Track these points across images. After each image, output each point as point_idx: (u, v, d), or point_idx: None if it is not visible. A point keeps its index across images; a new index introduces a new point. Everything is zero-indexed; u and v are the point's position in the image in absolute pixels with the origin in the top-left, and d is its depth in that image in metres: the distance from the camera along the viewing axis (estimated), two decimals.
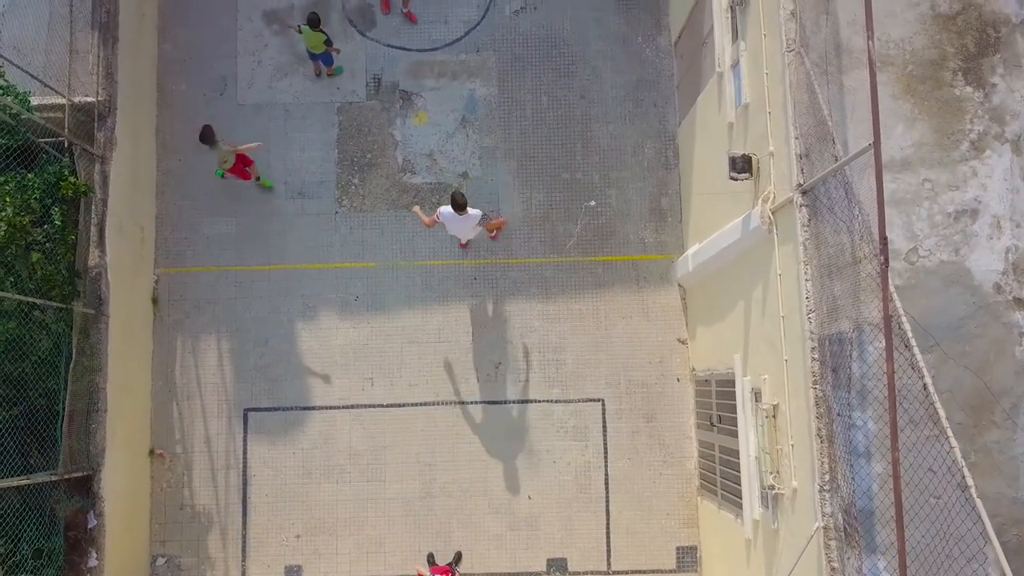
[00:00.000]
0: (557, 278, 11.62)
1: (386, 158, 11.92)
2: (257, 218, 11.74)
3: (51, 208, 9.20)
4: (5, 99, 8.69)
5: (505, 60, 12.07)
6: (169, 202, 11.77)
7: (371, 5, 12.17)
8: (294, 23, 11.54)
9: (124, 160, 10.72)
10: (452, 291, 11.61)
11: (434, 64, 12.07)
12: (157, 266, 11.63)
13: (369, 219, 11.77)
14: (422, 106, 12.02)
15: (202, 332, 11.51)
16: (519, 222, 11.75)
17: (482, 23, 12.12)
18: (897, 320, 6.09)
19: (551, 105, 11.97)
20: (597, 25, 12.09)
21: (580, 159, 11.87)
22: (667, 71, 11.97)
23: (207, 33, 12.00)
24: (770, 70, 7.63)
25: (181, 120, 11.90)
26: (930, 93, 7.15)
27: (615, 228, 11.72)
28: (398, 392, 11.40)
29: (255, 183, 11.63)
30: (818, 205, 6.78)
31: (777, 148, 7.47)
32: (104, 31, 10.72)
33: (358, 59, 12.08)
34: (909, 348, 6.42)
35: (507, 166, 11.87)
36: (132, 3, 11.18)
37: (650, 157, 11.85)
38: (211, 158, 11.09)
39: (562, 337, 11.49)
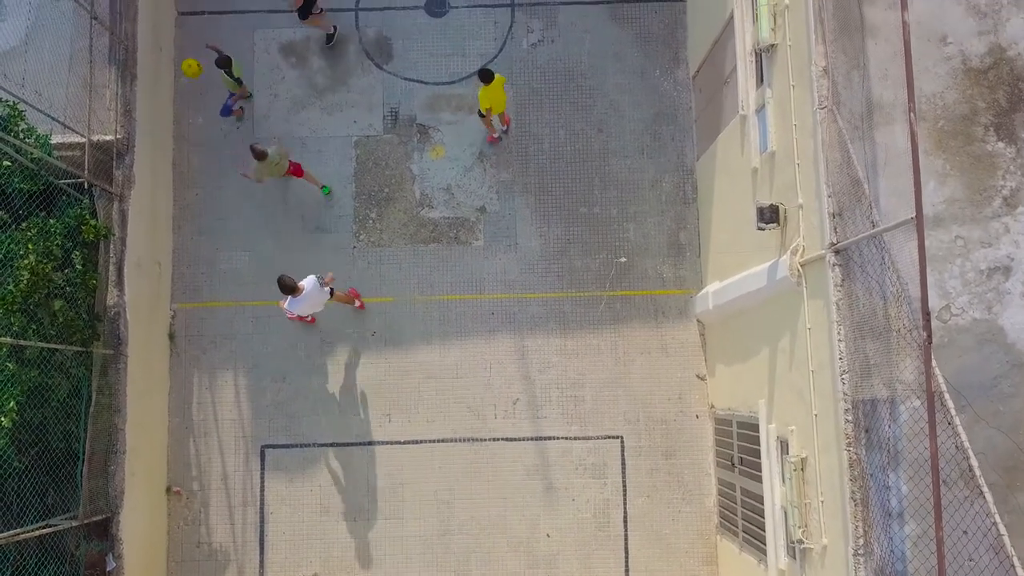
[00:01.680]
0: (575, 313, 11.58)
1: (404, 192, 11.88)
2: (274, 252, 11.70)
3: (72, 252, 9.16)
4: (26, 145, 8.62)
5: (522, 93, 12.03)
6: (186, 236, 11.73)
7: (388, 38, 12.14)
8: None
9: (142, 197, 10.69)
10: (470, 326, 11.56)
11: (451, 97, 12.03)
12: (174, 301, 11.60)
13: (386, 254, 11.73)
14: (439, 140, 11.98)
15: (219, 368, 11.47)
16: (536, 257, 11.70)
17: (499, 56, 12.08)
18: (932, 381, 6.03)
19: (569, 139, 11.93)
20: (615, 58, 12.05)
21: (598, 193, 11.82)
22: (685, 104, 11.93)
23: None
24: (799, 122, 7.58)
25: (198, 153, 11.88)
26: (962, 148, 7.10)
27: (633, 263, 11.67)
28: (416, 428, 11.35)
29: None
30: (851, 264, 6.73)
31: (807, 202, 7.42)
32: (122, 68, 10.71)
33: (375, 92, 12.04)
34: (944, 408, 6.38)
35: (524, 200, 11.83)
36: (149, 38, 11.16)
37: (668, 191, 11.81)
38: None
39: (580, 373, 11.44)
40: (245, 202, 11.79)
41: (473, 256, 11.72)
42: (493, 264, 11.69)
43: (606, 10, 12.13)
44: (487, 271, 11.68)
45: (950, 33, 7.19)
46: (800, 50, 7.52)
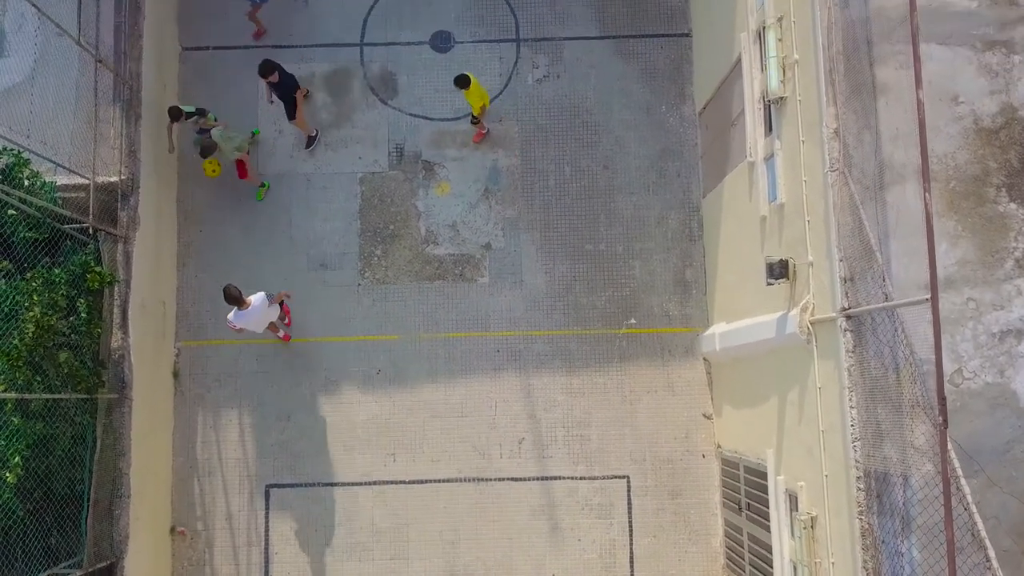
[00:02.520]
0: (581, 351, 11.53)
1: (409, 229, 11.84)
2: (279, 289, 11.58)
3: (77, 300, 9.11)
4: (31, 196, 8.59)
5: (528, 130, 11.99)
6: (190, 274, 11.69)
7: (393, 73, 12.10)
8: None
9: (147, 238, 10.65)
10: (475, 364, 11.52)
11: (456, 134, 11.99)
12: (178, 339, 11.55)
13: (392, 291, 11.69)
14: (445, 176, 11.94)
15: (223, 406, 11.42)
16: (542, 294, 11.66)
17: (504, 92, 12.04)
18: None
19: (574, 175, 11.89)
20: (621, 94, 12.01)
21: (604, 230, 11.77)
22: (691, 140, 11.88)
23: (228, 102, 11.91)
24: (809, 178, 7.54)
25: (203, 190, 11.83)
26: (973, 209, 7.05)
27: (639, 300, 11.62)
28: (421, 468, 11.30)
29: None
30: (863, 330, 6.68)
31: (817, 260, 7.37)
32: (126, 108, 10.67)
33: (380, 128, 12.00)
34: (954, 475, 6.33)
35: (530, 237, 11.78)
36: (153, 76, 11.13)
37: (674, 228, 11.76)
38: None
39: (586, 412, 11.39)
40: (249, 239, 11.75)
41: (478, 293, 11.68)
42: (498, 301, 11.65)
43: (611, 45, 12.09)
44: (492, 308, 11.64)
45: (962, 92, 7.15)
46: (810, 106, 7.48)
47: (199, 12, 12.15)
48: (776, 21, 8.12)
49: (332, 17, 12.16)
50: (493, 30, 12.14)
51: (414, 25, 12.13)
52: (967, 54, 7.18)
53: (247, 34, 12.11)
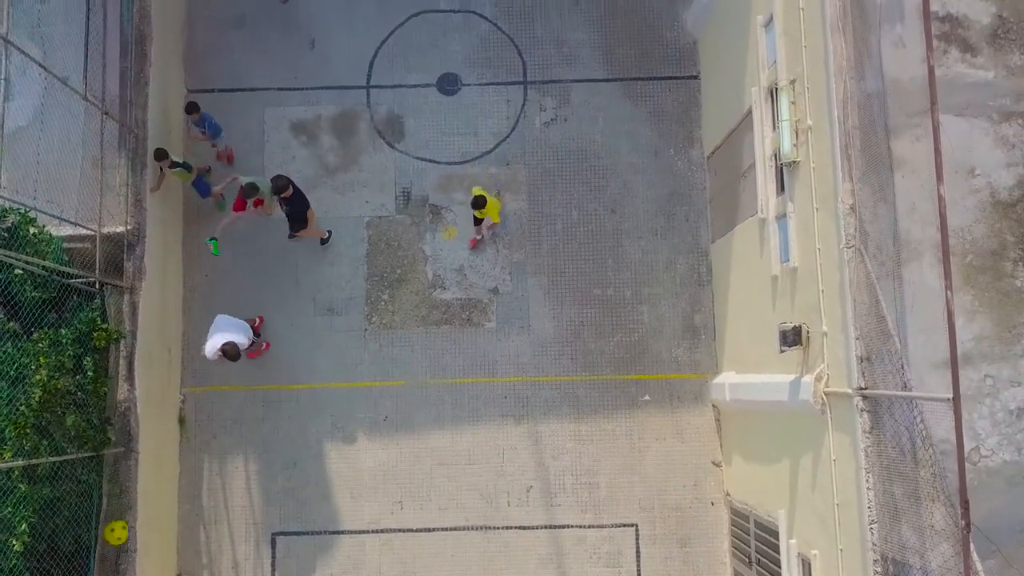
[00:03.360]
0: (589, 397, 11.46)
1: (416, 273, 11.77)
2: (285, 335, 11.59)
3: (83, 358, 9.04)
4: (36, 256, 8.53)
5: (535, 173, 11.92)
6: (196, 319, 11.61)
7: (400, 116, 12.04)
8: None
9: (153, 287, 10.59)
10: (482, 410, 11.45)
11: (464, 177, 11.93)
12: (183, 385, 11.49)
13: (398, 336, 11.62)
14: (452, 220, 11.87)
15: (229, 453, 11.36)
16: (550, 339, 11.59)
17: (512, 135, 11.98)
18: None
19: (582, 219, 11.82)
20: (628, 137, 11.94)
21: (611, 275, 11.71)
22: (699, 184, 11.82)
23: (233, 144, 11.84)
24: (823, 247, 7.47)
25: (208, 233, 11.74)
26: (990, 284, 6.99)
27: (648, 346, 11.55)
28: (428, 516, 11.23)
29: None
30: (879, 410, 6.61)
31: (832, 332, 7.31)
32: (132, 157, 10.61)
33: (387, 172, 11.94)
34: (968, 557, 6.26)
35: (537, 281, 11.71)
36: (159, 123, 11.08)
37: (683, 273, 11.69)
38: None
39: (595, 459, 11.33)
40: (255, 284, 11.68)
41: (486, 338, 11.62)
42: (506, 346, 11.59)
43: (619, 88, 12.03)
44: (500, 354, 11.57)
45: (978, 165, 7.09)
46: (824, 174, 7.41)
47: (204, 53, 12.10)
48: (789, 84, 8.06)
49: (338, 59, 12.09)
50: (500, 72, 12.08)
51: (421, 67, 12.07)
52: (983, 125, 7.12)
53: (252, 76, 12.05)
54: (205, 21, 12.13)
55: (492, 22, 12.14)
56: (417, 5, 12.15)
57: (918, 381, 6.71)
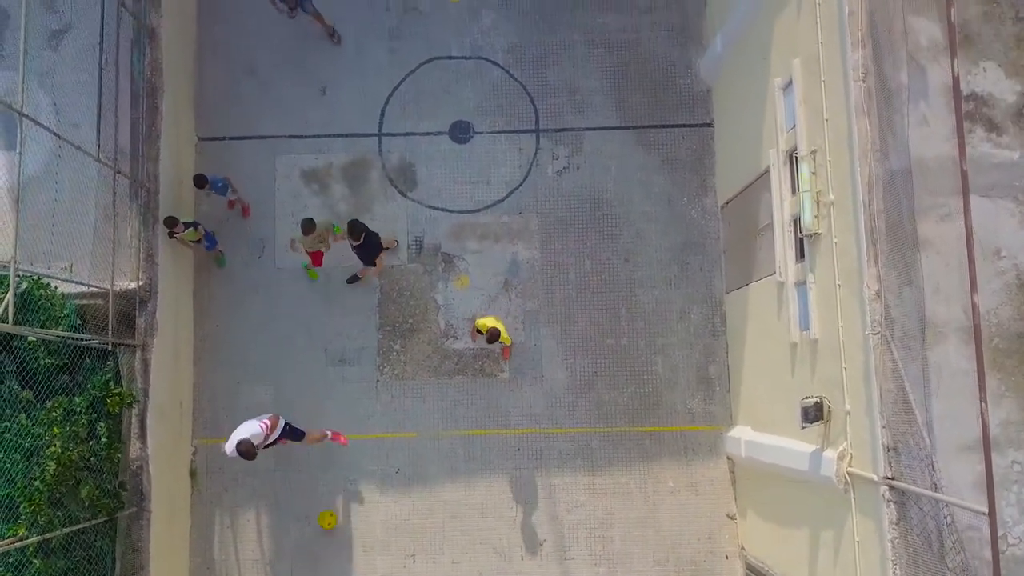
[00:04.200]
0: (603, 449, 11.38)
1: (428, 323, 11.70)
2: (296, 386, 11.53)
3: (97, 423, 8.98)
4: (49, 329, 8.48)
5: (548, 222, 11.85)
6: (207, 369, 11.56)
7: (411, 164, 11.97)
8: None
9: (165, 342, 10.53)
10: (495, 463, 11.38)
11: (476, 226, 11.86)
12: (195, 437, 11.42)
13: (410, 387, 11.55)
14: (464, 269, 11.81)
15: (241, 506, 11.29)
16: (563, 390, 11.52)
17: (524, 184, 11.91)
18: None
19: (595, 268, 11.75)
20: (641, 185, 11.87)
21: (625, 324, 11.63)
22: (713, 233, 11.74)
23: (245, 193, 11.75)
24: (846, 325, 7.40)
25: (219, 284, 11.70)
26: (1017, 368, 6.91)
27: (662, 397, 11.48)
28: (441, 570, 11.15)
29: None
30: (906, 502, 6.54)
31: (855, 411, 7.24)
32: (144, 211, 10.55)
33: (399, 221, 11.87)
34: None
35: (550, 331, 11.64)
36: (171, 174, 11.01)
37: (697, 323, 11.62)
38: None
39: (609, 512, 11.25)
40: (265, 334, 11.61)
41: (498, 389, 11.54)
42: (519, 397, 11.51)
43: (632, 135, 11.96)
44: (513, 405, 11.50)
45: (1004, 246, 7.02)
46: (848, 251, 7.34)
47: (214, 101, 12.03)
48: (810, 154, 7.99)
49: (350, 107, 12.02)
50: (513, 120, 12.01)
51: (433, 115, 12.00)
52: (1009, 206, 7.06)
53: (263, 123, 11.99)
54: (215, 69, 12.07)
55: (504, 69, 12.08)
56: (429, 51, 12.09)
57: (944, 466, 6.64)
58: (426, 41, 12.10)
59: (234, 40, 12.10)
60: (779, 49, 8.98)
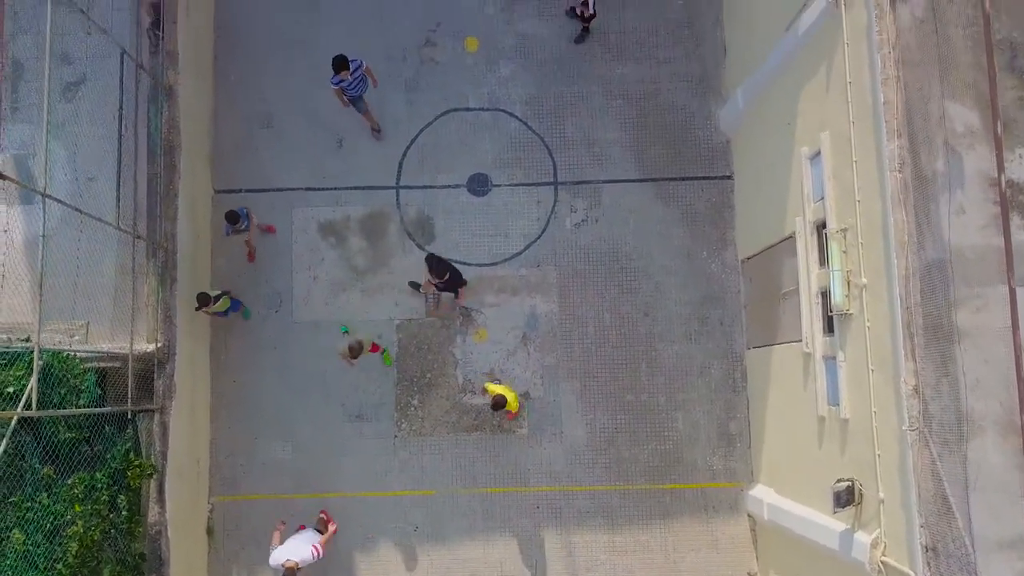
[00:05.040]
0: (623, 507, 11.29)
1: (446, 377, 11.61)
2: (314, 442, 11.44)
3: (117, 496, 8.89)
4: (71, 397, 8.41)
5: (566, 275, 11.77)
6: (224, 425, 11.48)
7: (429, 217, 11.89)
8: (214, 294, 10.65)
9: (183, 404, 10.44)
10: (514, 521, 11.29)
11: (494, 279, 11.77)
12: (212, 494, 11.33)
13: (428, 443, 11.46)
14: (482, 322, 11.72)
15: (259, 565, 11.13)
16: (582, 447, 11.43)
17: (542, 236, 11.83)
18: None
19: (614, 323, 11.66)
20: (660, 238, 11.79)
21: (645, 380, 11.54)
22: (734, 288, 11.65)
23: (261, 247, 11.71)
24: (879, 410, 7.31)
25: (235, 339, 11.62)
26: None
27: (682, 454, 11.39)
28: None
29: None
30: None
31: (890, 502, 7.14)
32: (162, 272, 10.47)
33: (417, 274, 11.74)
34: None
35: (570, 386, 11.55)
36: (188, 232, 10.93)
37: (717, 379, 11.53)
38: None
39: (629, 571, 11.16)
40: (283, 389, 11.53)
41: (517, 445, 11.46)
42: (538, 454, 11.43)
43: (651, 188, 11.88)
44: (532, 462, 11.41)
45: None
46: (881, 337, 7.25)
47: (230, 153, 11.97)
48: (840, 232, 7.90)
49: (367, 159, 11.95)
50: (531, 173, 11.93)
51: (450, 168, 11.92)
52: None
53: (279, 176, 11.92)
54: (231, 121, 12.00)
55: (522, 121, 12.00)
56: (447, 103, 12.02)
57: (983, 564, 6.55)
58: (443, 92, 12.03)
59: (250, 92, 12.03)
60: (806, 117, 8.90)
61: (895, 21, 6.91)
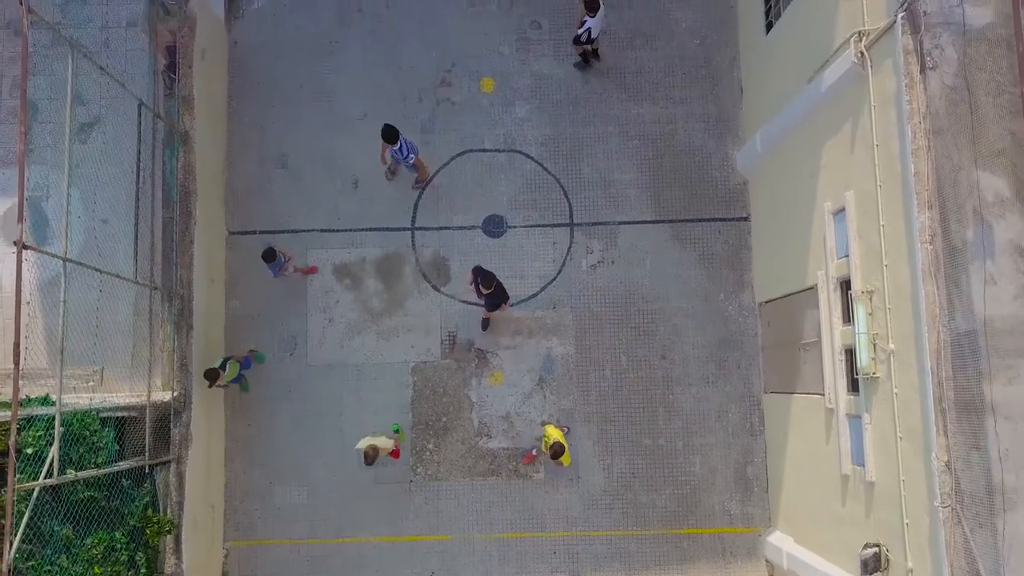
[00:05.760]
0: (641, 552, 11.23)
1: (461, 421, 11.55)
2: (329, 486, 11.38)
3: (136, 553, 8.83)
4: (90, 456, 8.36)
5: (583, 317, 11.71)
6: (239, 470, 11.42)
7: (445, 259, 11.83)
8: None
9: (198, 450, 10.38)
10: (531, 566, 11.22)
11: (510, 321, 11.71)
12: (226, 539, 11.28)
13: (444, 488, 11.40)
14: (498, 365, 11.66)
15: None
16: (600, 492, 11.37)
17: (558, 278, 11.77)
18: None
19: (631, 365, 11.60)
20: (677, 280, 11.73)
21: (662, 424, 11.48)
22: (751, 330, 11.59)
23: (276, 289, 11.65)
24: (908, 478, 7.24)
25: (250, 381, 11.53)
26: None
27: (700, 498, 11.32)
28: None
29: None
30: None
31: (919, 573, 7.07)
32: (178, 320, 10.41)
33: (432, 316, 11.73)
34: None
35: (586, 430, 11.49)
36: (204, 277, 10.87)
37: (735, 422, 11.46)
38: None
39: None
40: (298, 432, 11.47)
41: (534, 490, 11.39)
42: (555, 499, 11.36)
43: (668, 230, 11.82)
44: (548, 507, 11.35)
45: None
46: (911, 409, 7.18)
47: (245, 194, 11.92)
48: (866, 294, 7.84)
49: (382, 200, 11.90)
50: (547, 214, 11.88)
51: (466, 209, 11.87)
52: None
53: (294, 217, 11.86)
54: (246, 161, 11.96)
55: (538, 162, 11.95)
56: (462, 144, 11.97)
57: None
58: (459, 133, 11.98)
59: (265, 133, 11.98)
60: (829, 172, 8.84)
61: (926, 90, 6.85)
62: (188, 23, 10.74)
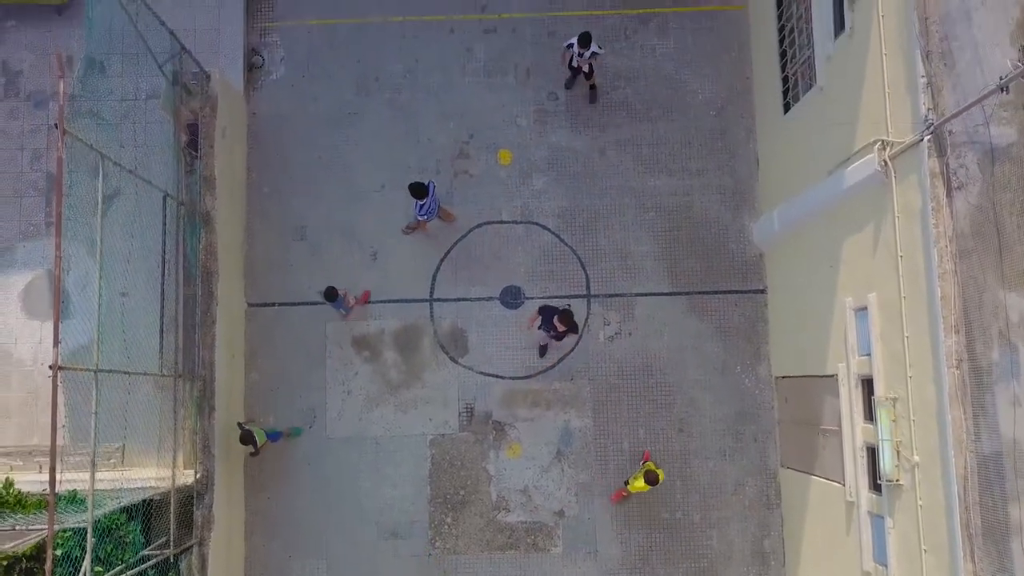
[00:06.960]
0: None
1: (479, 494, 11.61)
2: (347, 560, 11.44)
3: None
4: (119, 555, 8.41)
5: (600, 389, 11.76)
6: (258, 544, 11.47)
7: (463, 330, 11.90)
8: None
9: (220, 534, 10.43)
10: None
11: (528, 393, 11.77)
12: None
13: (462, 562, 11.45)
14: (516, 438, 11.71)
15: None
16: (617, 565, 11.41)
17: (576, 350, 11.82)
18: None
19: (648, 438, 11.65)
20: (694, 352, 11.78)
21: (680, 497, 11.53)
22: (768, 403, 11.64)
23: (295, 361, 11.73)
24: None
25: (269, 454, 11.56)
26: None
27: (717, 572, 11.37)
28: None
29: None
30: None
31: None
32: (201, 400, 10.48)
33: (450, 387, 11.79)
34: None
35: (604, 504, 11.54)
36: (224, 357, 10.91)
37: (751, 496, 11.51)
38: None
39: None
40: (317, 506, 11.53)
41: (552, 565, 11.44)
42: (572, 573, 11.41)
43: (684, 302, 11.88)
44: None
45: None
46: (937, 528, 7.21)
47: (264, 266, 11.98)
48: (889, 400, 7.89)
49: (400, 272, 11.96)
50: (564, 285, 11.94)
51: (484, 280, 11.94)
52: None
53: (313, 289, 11.91)
54: (265, 233, 12.03)
55: (555, 234, 12.02)
56: (480, 216, 12.04)
57: None
58: (477, 205, 12.05)
59: (284, 205, 12.06)
60: (850, 268, 8.89)
61: (952, 214, 6.91)
62: (210, 103, 10.81)
